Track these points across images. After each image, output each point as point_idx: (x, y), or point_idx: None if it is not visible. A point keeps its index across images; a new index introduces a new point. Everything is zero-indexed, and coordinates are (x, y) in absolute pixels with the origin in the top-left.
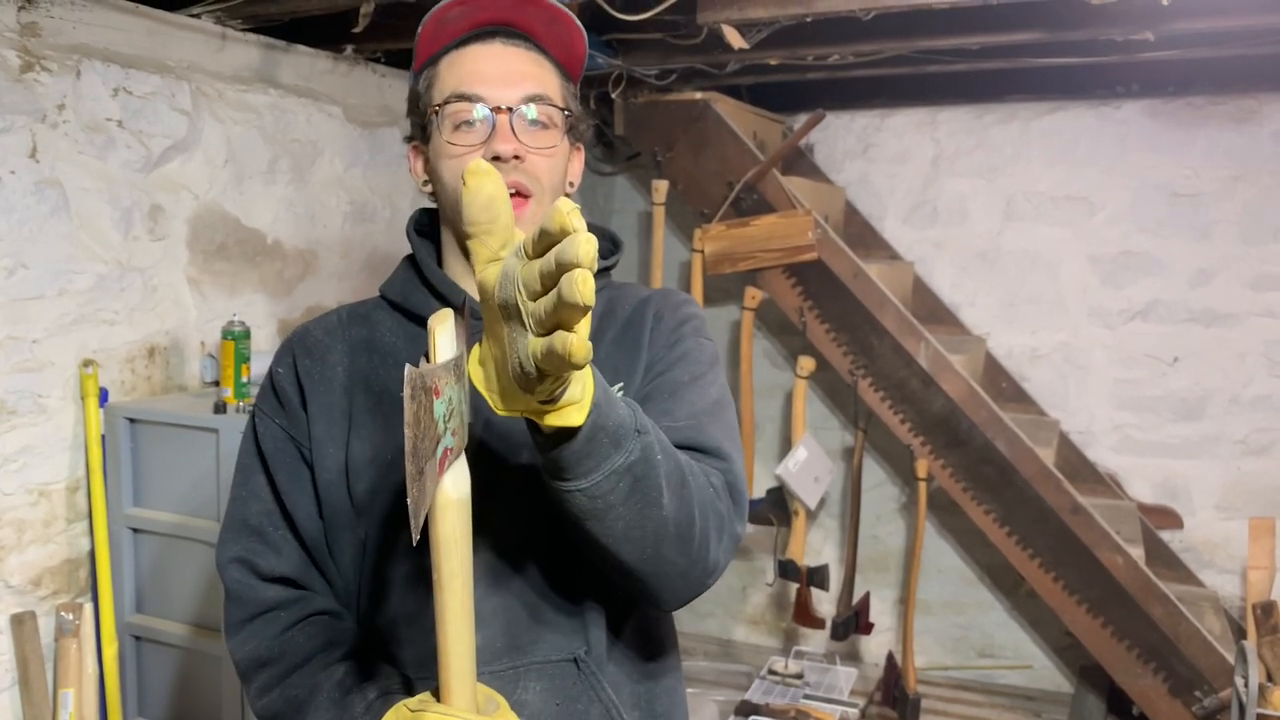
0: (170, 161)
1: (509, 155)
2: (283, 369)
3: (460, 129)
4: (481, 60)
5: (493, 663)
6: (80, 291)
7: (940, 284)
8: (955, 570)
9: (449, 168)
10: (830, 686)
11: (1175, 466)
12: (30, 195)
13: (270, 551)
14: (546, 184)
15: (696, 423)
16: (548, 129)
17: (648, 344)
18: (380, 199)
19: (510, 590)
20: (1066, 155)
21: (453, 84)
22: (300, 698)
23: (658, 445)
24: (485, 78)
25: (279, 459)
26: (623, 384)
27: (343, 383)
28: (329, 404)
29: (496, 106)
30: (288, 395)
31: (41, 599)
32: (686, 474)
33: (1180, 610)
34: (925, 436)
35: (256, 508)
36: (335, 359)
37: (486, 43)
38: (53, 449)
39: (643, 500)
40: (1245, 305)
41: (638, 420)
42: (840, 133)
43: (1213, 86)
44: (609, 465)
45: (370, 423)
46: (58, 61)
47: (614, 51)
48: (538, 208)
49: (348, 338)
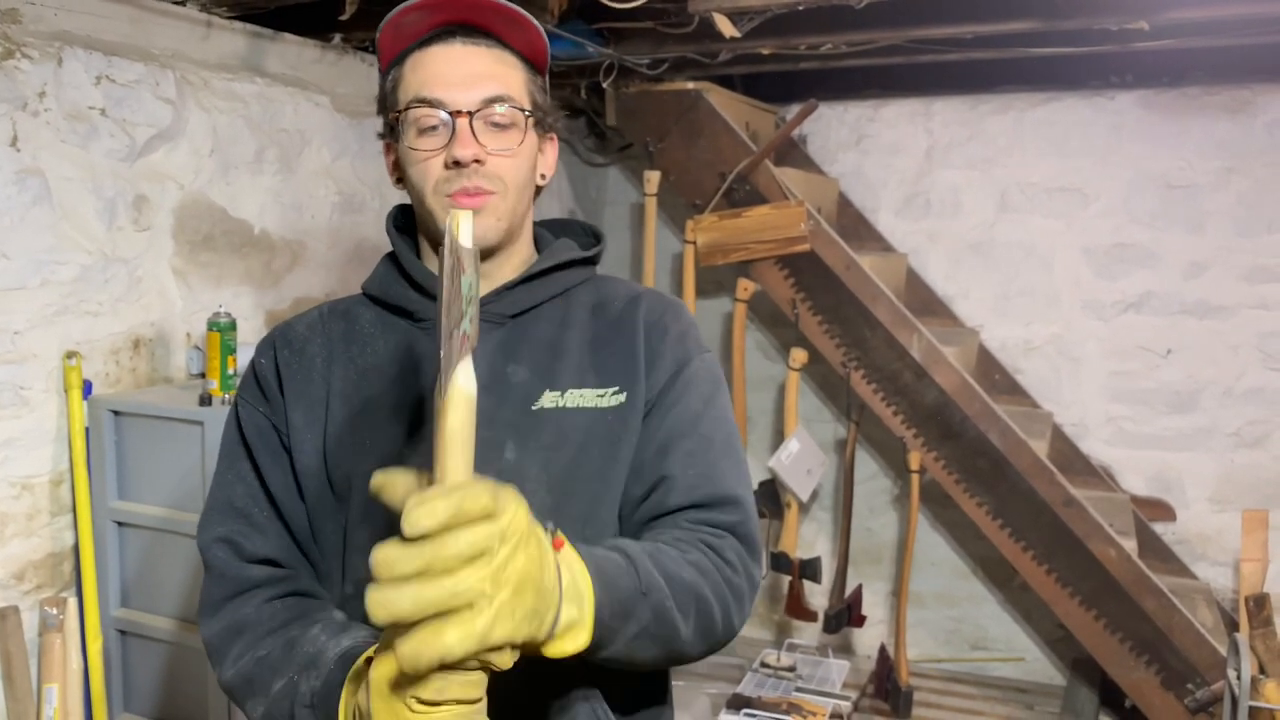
0: (155, 151)
1: (469, 160)
2: (264, 360)
3: (423, 134)
4: (442, 62)
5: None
6: (63, 282)
7: (933, 276)
8: (948, 563)
9: (416, 172)
10: (823, 679)
11: (1168, 459)
12: (11, 185)
13: (255, 532)
14: (510, 182)
15: (712, 470)
16: (510, 129)
17: (644, 352)
18: (369, 189)
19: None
20: (1060, 146)
21: (414, 87)
22: (272, 656)
23: (666, 589)
24: (445, 80)
25: (261, 444)
26: (618, 389)
27: (321, 372)
28: (307, 392)
29: (456, 110)
30: (269, 384)
31: (25, 593)
32: (700, 587)
33: (1173, 603)
34: (918, 429)
35: (241, 490)
36: (314, 350)
37: (447, 43)
38: (36, 442)
39: (662, 641)
40: (1239, 297)
41: (640, 581)
42: (833, 123)
43: (1207, 77)
44: (623, 637)
45: (346, 410)
46: (39, 49)
47: (605, 40)
48: (500, 202)
49: (327, 331)
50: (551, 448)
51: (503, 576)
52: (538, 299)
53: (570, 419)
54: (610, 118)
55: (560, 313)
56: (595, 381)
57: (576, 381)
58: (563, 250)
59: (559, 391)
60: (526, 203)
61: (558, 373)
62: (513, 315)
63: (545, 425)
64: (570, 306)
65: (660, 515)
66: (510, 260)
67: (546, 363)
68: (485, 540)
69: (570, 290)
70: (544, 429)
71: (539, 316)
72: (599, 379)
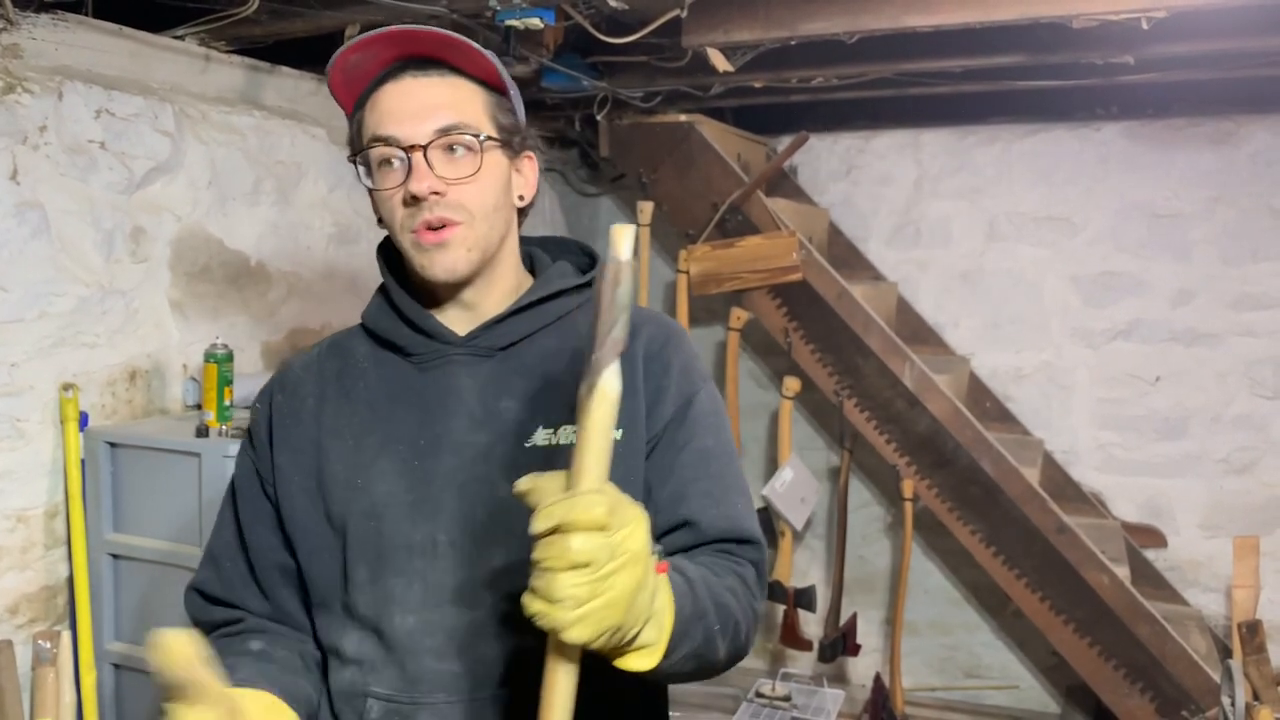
0: (153, 183)
1: (425, 194)
2: (260, 405)
3: (384, 172)
4: (394, 97)
5: (471, 691)
6: (61, 314)
7: (924, 305)
8: (941, 591)
9: (384, 211)
10: (818, 708)
11: (1158, 485)
12: (11, 217)
13: (218, 580)
14: (476, 208)
15: (732, 511)
16: (468, 156)
17: (644, 387)
18: (364, 221)
19: (506, 616)
20: (1048, 176)
21: (371, 126)
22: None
23: (714, 615)
24: (397, 116)
25: (246, 493)
26: (614, 426)
27: (312, 412)
28: (296, 434)
29: (410, 145)
30: (259, 431)
31: (18, 627)
32: (735, 612)
33: (1166, 629)
34: (911, 457)
35: (220, 539)
36: (306, 391)
37: (398, 79)
38: (31, 474)
39: (702, 660)
40: (1226, 325)
41: (696, 606)
42: (824, 154)
43: (1191, 109)
44: (674, 657)
45: (339, 447)
46: (39, 83)
47: (599, 74)
48: (467, 231)
49: (321, 371)
50: None
51: (601, 587)
52: (530, 329)
53: (563, 456)
54: (604, 149)
55: (554, 343)
56: None
57: (569, 416)
58: (556, 278)
59: (552, 429)
60: (502, 227)
61: (551, 407)
62: (502, 347)
63: (539, 463)
64: (564, 335)
65: (682, 551)
66: (493, 287)
67: (539, 396)
68: (592, 552)
69: (564, 317)
70: (538, 467)
71: (531, 346)
72: None
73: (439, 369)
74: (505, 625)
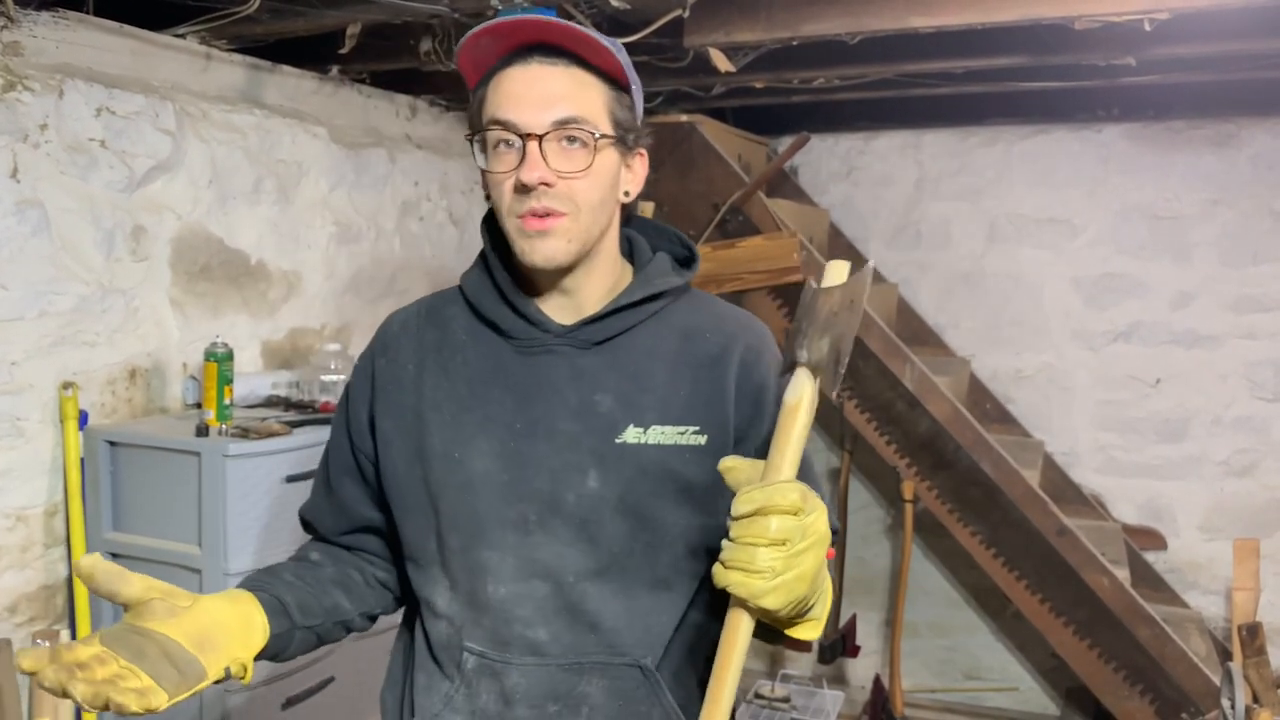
0: (153, 182)
1: (535, 183)
2: (363, 364)
3: (498, 155)
4: (517, 82)
5: (558, 657)
6: (61, 313)
7: (924, 306)
8: (941, 592)
9: (493, 193)
10: (817, 710)
11: (1158, 487)
12: (11, 216)
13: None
14: (583, 202)
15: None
16: (582, 150)
17: (734, 397)
18: (365, 220)
19: (589, 592)
20: (1049, 178)
21: (492, 108)
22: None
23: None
24: (519, 102)
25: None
26: (699, 429)
27: (412, 379)
28: (399, 401)
29: (527, 133)
30: (359, 392)
31: (18, 626)
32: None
33: (1166, 632)
34: (911, 458)
35: (321, 474)
36: (406, 358)
37: (525, 63)
38: (31, 472)
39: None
40: (1226, 327)
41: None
42: (825, 155)
43: (1192, 111)
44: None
45: (438, 421)
46: (40, 81)
47: None
48: (571, 223)
49: (420, 339)
50: (631, 480)
51: (794, 563)
52: (628, 324)
53: (649, 454)
54: None
55: (650, 340)
56: (677, 418)
57: (659, 417)
58: (656, 276)
59: (642, 428)
60: (604, 222)
61: (643, 406)
62: (599, 341)
63: (627, 459)
64: (660, 331)
65: None
66: (591, 276)
67: (632, 394)
68: (789, 531)
69: (660, 311)
70: (626, 462)
71: (628, 341)
72: (682, 416)
73: (538, 356)
74: (589, 599)
